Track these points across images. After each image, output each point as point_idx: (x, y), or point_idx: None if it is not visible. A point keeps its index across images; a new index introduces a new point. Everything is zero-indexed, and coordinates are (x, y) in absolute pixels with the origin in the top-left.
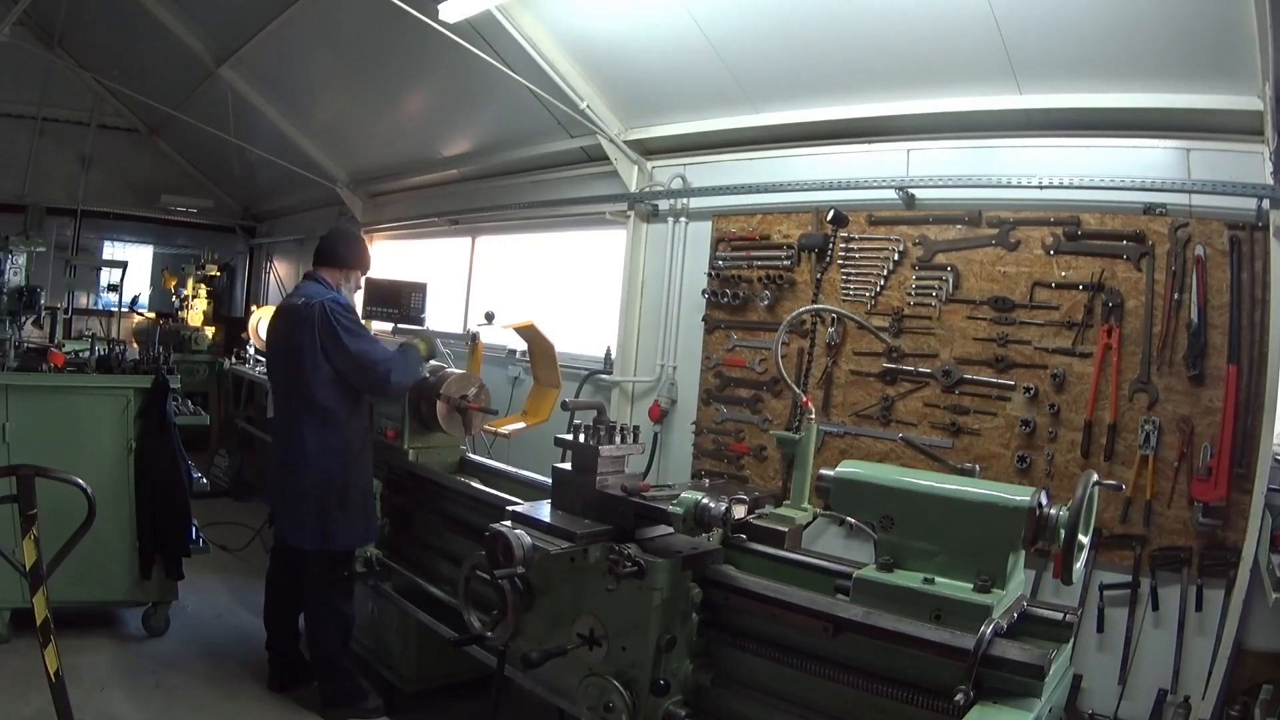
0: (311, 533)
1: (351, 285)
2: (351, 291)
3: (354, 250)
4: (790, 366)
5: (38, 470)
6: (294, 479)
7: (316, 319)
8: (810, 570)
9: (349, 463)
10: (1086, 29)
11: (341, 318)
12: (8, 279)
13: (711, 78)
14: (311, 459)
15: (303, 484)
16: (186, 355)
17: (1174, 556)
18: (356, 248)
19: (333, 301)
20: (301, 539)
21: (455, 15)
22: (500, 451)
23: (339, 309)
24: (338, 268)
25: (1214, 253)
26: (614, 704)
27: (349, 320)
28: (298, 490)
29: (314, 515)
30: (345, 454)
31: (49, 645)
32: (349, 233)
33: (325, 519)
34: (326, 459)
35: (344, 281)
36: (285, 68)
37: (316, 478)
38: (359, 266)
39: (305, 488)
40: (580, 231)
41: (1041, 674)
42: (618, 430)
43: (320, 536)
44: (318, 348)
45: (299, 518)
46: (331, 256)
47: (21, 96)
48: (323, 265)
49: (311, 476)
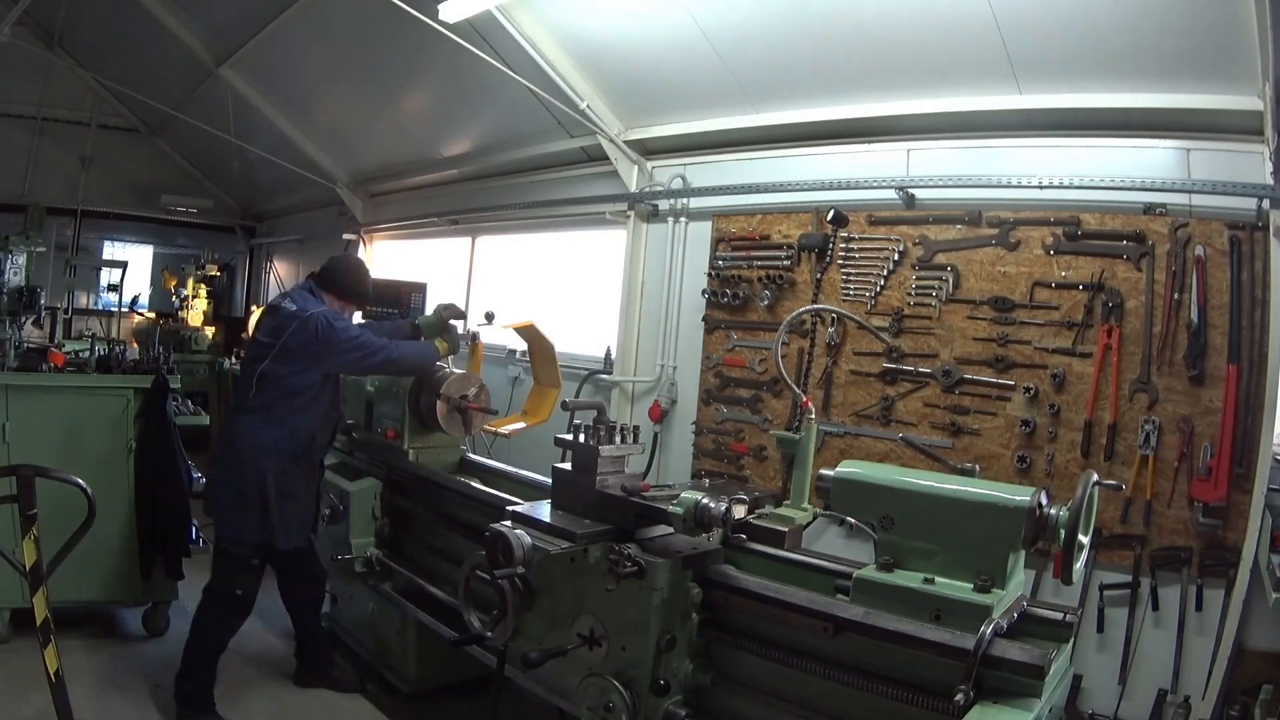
0: (223, 520)
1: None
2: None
3: (357, 283)
4: (790, 366)
5: (38, 470)
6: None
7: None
8: (810, 570)
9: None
10: (1086, 29)
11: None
12: (8, 279)
13: (711, 78)
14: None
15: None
16: (186, 355)
17: (1174, 556)
18: (362, 282)
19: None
20: (219, 526)
21: (455, 15)
22: (500, 451)
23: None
24: (337, 296)
25: (1214, 253)
26: (614, 704)
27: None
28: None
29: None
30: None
31: (49, 645)
32: (359, 265)
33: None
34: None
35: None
36: (285, 68)
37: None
38: (357, 301)
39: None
40: (580, 231)
41: (1041, 674)
42: (618, 430)
43: (231, 526)
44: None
45: (217, 505)
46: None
47: (21, 96)
48: (325, 288)
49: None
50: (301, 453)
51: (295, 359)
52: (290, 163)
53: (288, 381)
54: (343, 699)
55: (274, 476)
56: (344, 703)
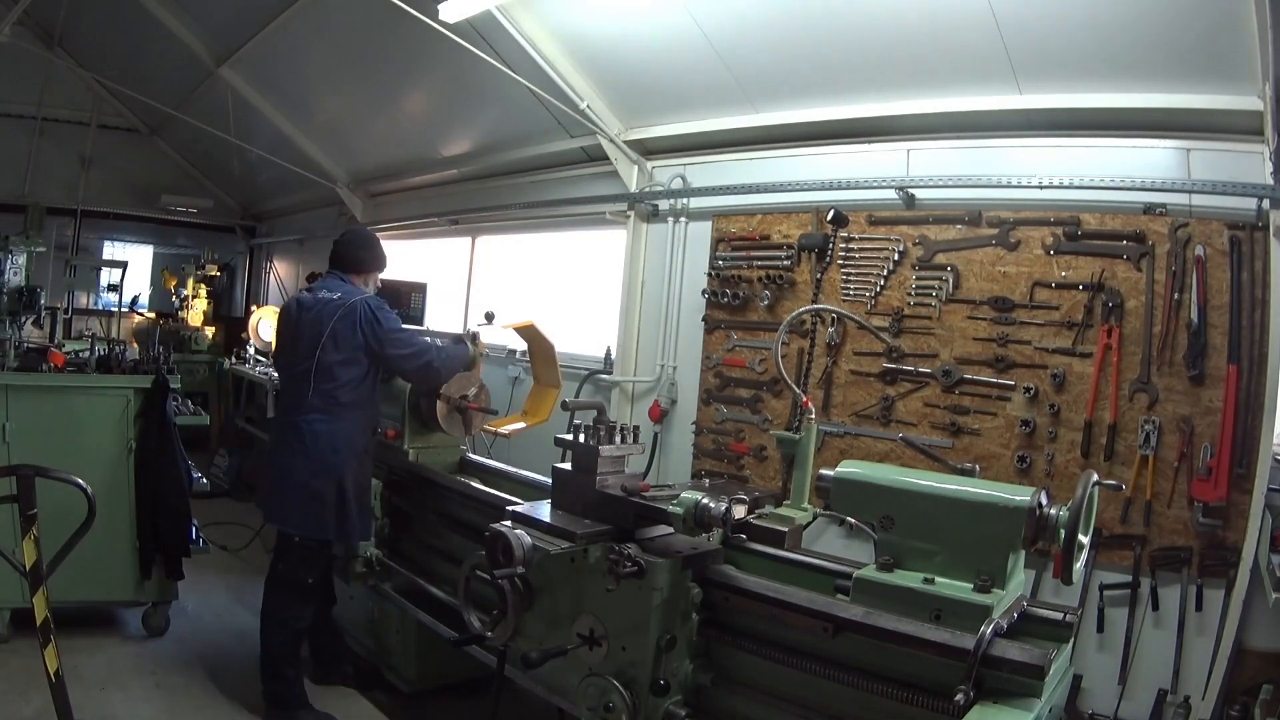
0: (298, 518)
1: (371, 287)
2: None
3: (373, 253)
4: (790, 366)
5: (38, 470)
6: (295, 466)
7: (360, 317)
8: (810, 570)
9: (350, 458)
10: (1086, 29)
11: (389, 315)
12: (8, 279)
13: (711, 78)
14: (316, 449)
15: (302, 472)
16: (186, 355)
17: (1174, 556)
18: (375, 250)
19: (376, 300)
20: (287, 523)
21: (455, 15)
22: (500, 451)
23: (384, 308)
24: (358, 272)
25: (1214, 253)
26: (614, 704)
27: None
28: (296, 478)
29: (305, 502)
30: (349, 449)
31: (49, 645)
32: (366, 235)
33: (320, 508)
34: (332, 452)
35: (365, 285)
36: (285, 68)
37: (316, 468)
38: (377, 268)
39: (304, 476)
40: (580, 231)
41: (1041, 674)
42: (618, 430)
43: (308, 524)
44: (359, 344)
45: (289, 503)
46: (354, 263)
47: (21, 96)
48: (343, 269)
49: (312, 466)
50: (367, 447)
51: (346, 346)
52: (290, 163)
53: (343, 371)
54: (343, 700)
55: (351, 474)
56: (344, 703)
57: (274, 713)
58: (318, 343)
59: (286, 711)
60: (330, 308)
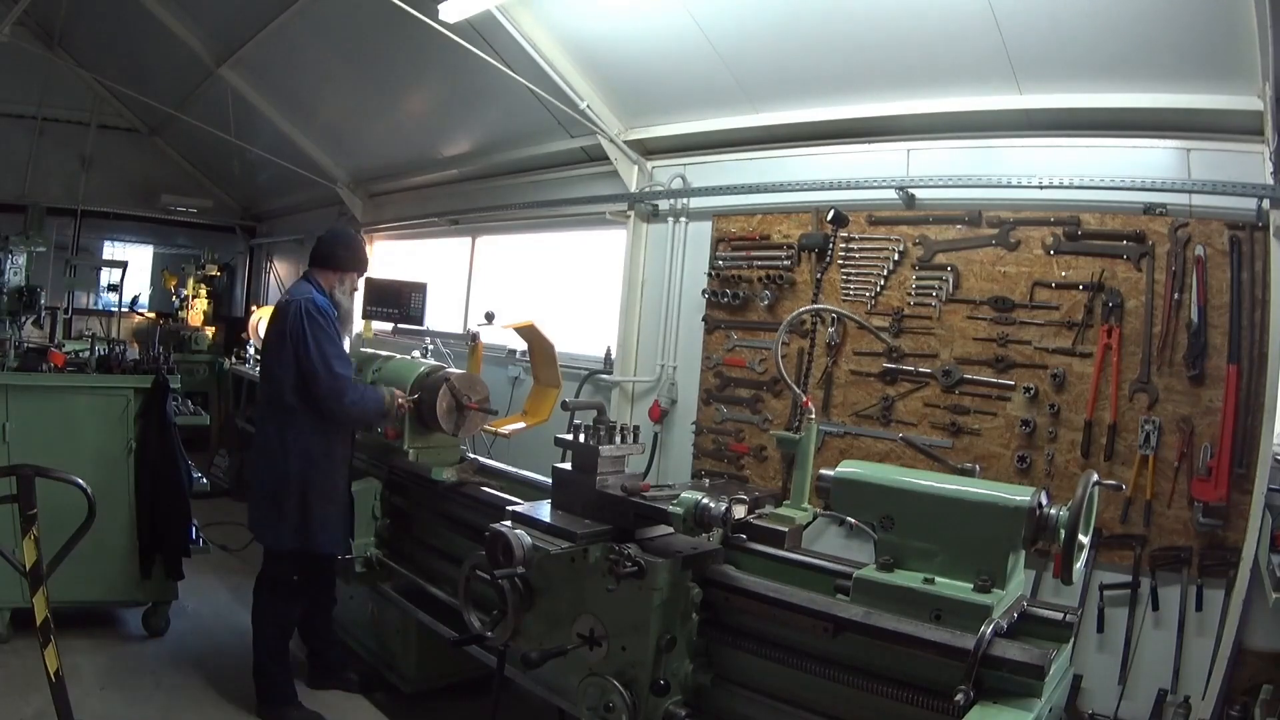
0: (264, 529)
1: (346, 288)
2: (348, 294)
3: (350, 252)
4: (790, 366)
5: (38, 470)
6: (256, 475)
7: (289, 317)
8: (810, 570)
9: (308, 467)
10: (1086, 29)
11: (314, 318)
12: (8, 279)
13: (711, 78)
14: (272, 457)
15: (263, 481)
16: (186, 355)
17: (1174, 556)
18: (352, 249)
19: (309, 302)
20: (255, 532)
21: (455, 15)
22: (500, 451)
23: (314, 309)
24: (332, 269)
25: (1214, 253)
26: (614, 704)
27: (323, 321)
28: (259, 486)
29: (269, 512)
30: (306, 457)
31: (49, 645)
32: (345, 233)
33: (279, 518)
34: (287, 459)
35: (338, 284)
36: (285, 68)
37: (274, 476)
38: (354, 269)
39: (265, 484)
40: (580, 231)
41: (1041, 674)
42: (618, 430)
43: (271, 535)
44: (287, 345)
45: (258, 513)
46: (327, 259)
47: (21, 96)
48: (317, 266)
49: (271, 474)
50: (332, 452)
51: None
52: (290, 162)
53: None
54: (344, 699)
55: (316, 484)
56: (345, 702)
57: (264, 710)
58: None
59: (275, 709)
60: (281, 307)
